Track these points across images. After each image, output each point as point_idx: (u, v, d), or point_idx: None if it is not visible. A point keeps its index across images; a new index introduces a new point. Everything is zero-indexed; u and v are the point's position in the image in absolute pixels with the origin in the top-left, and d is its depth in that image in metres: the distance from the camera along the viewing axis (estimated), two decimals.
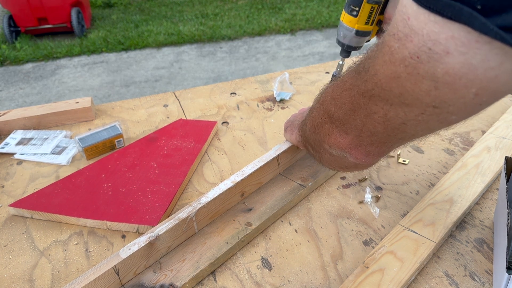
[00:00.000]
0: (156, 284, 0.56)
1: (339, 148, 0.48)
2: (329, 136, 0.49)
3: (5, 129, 0.94)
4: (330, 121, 0.47)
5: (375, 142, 0.43)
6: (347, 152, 0.47)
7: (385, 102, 0.37)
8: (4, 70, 3.77)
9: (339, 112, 0.45)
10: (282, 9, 5.03)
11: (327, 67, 1.22)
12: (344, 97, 0.43)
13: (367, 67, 0.38)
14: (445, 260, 0.59)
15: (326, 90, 0.49)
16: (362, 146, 0.45)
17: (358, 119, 0.42)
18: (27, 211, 0.70)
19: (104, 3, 5.49)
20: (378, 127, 0.40)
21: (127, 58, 3.94)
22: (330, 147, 0.49)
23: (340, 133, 0.46)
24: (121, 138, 0.88)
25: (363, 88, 0.39)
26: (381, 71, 0.35)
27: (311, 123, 0.55)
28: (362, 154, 0.46)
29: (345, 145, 0.46)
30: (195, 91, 1.11)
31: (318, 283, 0.57)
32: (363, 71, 0.39)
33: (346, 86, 0.43)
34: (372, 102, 0.38)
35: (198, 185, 0.77)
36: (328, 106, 0.47)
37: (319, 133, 0.51)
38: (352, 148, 0.46)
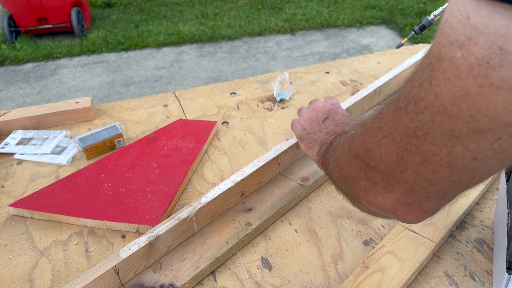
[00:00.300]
0: (156, 284, 0.56)
1: (380, 208, 0.39)
2: (366, 193, 0.40)
3: (5, 129, 0.94)
4: (367, 177, 0.39)
5: (432, 195, 0.34)
6: (390, 213, 0.38)
7: (450, 135, 0.29)
8: (4, 70, 3.77)
9: (380, 165, 0.36)
10: (282, 9, 5.03)
11: (327, 67, 1.23)
12: (384, 146, 0.35)
13: (417, 96, 0.31)
14: (445, 260, 0.59)
15: (355, 140, 0.41)
16: (413, 204, 0.36)
17: (408, 169, 0.33)
18: (27, 211, 0.70)
19: (104, 3, 5.49)
20: (439, 173, 0.32)
21: (127, 58, 3.94)
22: (368, 204, 0.41)
23: (382, 191, 0.37)
24: (121, 138, 0.88)
25: (413, 126, 0.31)
26: (443, 92, 0.28)
27: (339, 173, 0.46)
28: (413, 214, 0.37)
29: (389, 205, 0.38)
30: (195, 91, 1.11)
31: (318, 283, 0.57)
32: (411, 105, 0.31)
33: (383, 133, 0.35)
34: (429, 141, 0.31)
35: (198, 185, 0.77)
36: (363, 159, 0.39)
37: (352, 187, 0.42)
38: (399, 208, 0.37)
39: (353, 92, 1.07)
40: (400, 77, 1.02)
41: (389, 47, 3.87)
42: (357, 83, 1.12)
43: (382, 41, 4.04)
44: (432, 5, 4.74)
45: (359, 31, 4.33)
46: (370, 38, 4.13)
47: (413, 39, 3.91)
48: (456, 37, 0.27)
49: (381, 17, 4.57)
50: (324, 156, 0.58)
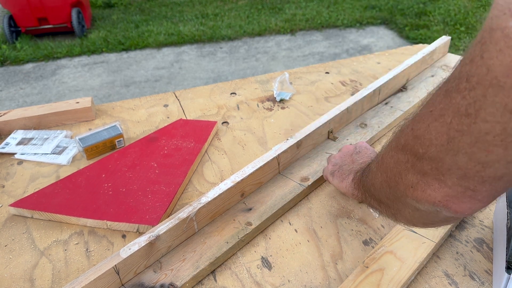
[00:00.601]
0: (156, 284, 0.56)
1: (429, 202, 0.37)
2: (414, 188, 0.38)
3: (5, 129, 0.94)
4: (415, 169, 0.37)
5: (487, 179, 0.32)
6: (442, 206, 0.37)
7: (503, 109, 0.28)
8: (4, 70, 3.78)
9: (430, 151, 0.35)
10: (282, 9, 5.03)
11: (327, 67, 1.23)
12: (434, 129, 0.34)
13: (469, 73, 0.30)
14: (445, 260, 0.60)
15: (403, 131, 0.40)
16: (467, 192, 0.34)
17: (460, 152, 0.32)
18: (28, 211, 0.70)
19: (104, 3, 5.50)
20: (493, 153, 0.30)
21: (127, 58, 3.94)
22: (416, 201, 0.39)
23: (432, 182, 0.36)
24: (121, 138, 0.88)
25: (465, 103, 0.30)
26: (496, 64, 0.28)
27: (383, 175, 0.44)
28: (467, 204, 0.35)
29: (439, 196, 0.36)
30: (195, 91, 1.12)
31: (318, 282, 0.57)
32: (463, 82, 0.31)
33: (434, 116, 0.34)
34: (482, 118, 0.30)
35: (198, 185, 0.78)
36: (412, 148, 0.37)
37: (397, 186, 0.41)
38: (452, 199, 0.35)
39: (352, 92, 1.07)
40: (400, 77, 1.03)
41: (389, 47, 3.88)
42: (357, 83, 1.12)
43: (381, 41, 4.04)
44: (432, 6, 4.74)
45: (359, 31, 4.34)
46: (370, 38, 4.13)
47: (413, 39, 3.91)
48: (509, 6, 0.27)
49: (380, 17, 4.57)
50: (361, 179, 0.56)
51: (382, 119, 0.92)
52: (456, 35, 3.91)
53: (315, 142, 0.82)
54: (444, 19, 4.33)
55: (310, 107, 1.01)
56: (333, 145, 0.83)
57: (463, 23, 4.15)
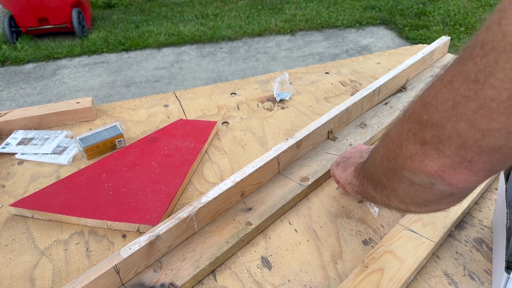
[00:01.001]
0: (157, 283, 0.56)
1: (426, 173, 0.37)
2: (411, 159, 0.38)
3: (6, 129, 0.95)
4: (416, 137, 0.37)
5: (485, 149, 0.32)
6: (437, 177, 0.37)
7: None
8: (5, 70, 3.78)
9: (434, 117, 0.35)
10: (282, 9, 5.03)
11: (327, 67, 1.23)
12: (441, 95, 0.34)
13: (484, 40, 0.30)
14: (445, 259, 0.60)
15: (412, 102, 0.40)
16: (463, 163, 0.34)
17: (462, 119, 0.32)
18: (28, 210, 0.70)
19: (104, 4, 5.50)
20: (495, 121, 0.30)
21: (127, 59, 3.95)
22: (412, 173, 0.39)
23: (431, 151, 0.36)
24: (121, 138, 0.88)
25: (475, 69, 0.30)
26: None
27: (385, 149, 0.45)
28: (462, 176, 0.35)
29: (436, 166, 0.36)
30: (195, 91, 1.12)
31: (317, 282, 0.57)
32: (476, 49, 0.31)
33: (443, 83, 0.34)
34: (489, 84, 0.30)
35: (198, 184, 0.78)
36: (417, 116, 0.37)
37: (396, 158, 0.41)
38: (448, 170, 0.35)
39: (352, 92, 1.07)
40: (400, 77, 1.03)
41: (389, 47, 3.88)
42: (357, 83, 1.13)
43: (381, 41, 4.04)
44: (432, 6, 4.74)
45: (358, 31, 4.34)
46: (370, 38, 4.14)
47: (413, 40, 3.91)
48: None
49: (380, 17, 4.57)
50: (362, 166, 0.57)
51: (382, 119, 0.92)
52: (455, 35, 3.91)
53: (315, 142, 0.82)
54: (443, 19, 4.33)
55: (310, 107, 1.01)
56: (333, 145, 0.83)
57: (462, 24, 4.15)
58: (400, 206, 0.47)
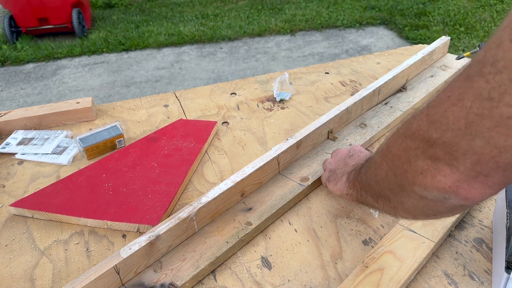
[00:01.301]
0: (157, 283, 0.56)
1: (439, 189, 0.37)
2: (423, 175, 0.37)
3: (6, 129, 0.95)
4: (426, 154, 0.37)
5: (502, 165, 0.32)
6: (451, 193, 0.36)
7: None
8: (5, 70, 3.78)
9: (445, 136, 0.34)
10: (282, 9, 5.03)
11: (327, 67, 1.23)
12: (451, 114, 0.33)
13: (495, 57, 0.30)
14: (444, 259, 0.60)
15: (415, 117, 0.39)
16: (479, 177, 0.34)
17: (477, 137, 0.32)
18: (28, 210, 0.70)
19: (104, 4, 5.50)
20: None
21: (127, 59, 3.95)
22: (424, 189, 0.38)
23: (444, 167, 0.35)
24: (121, 138, 0.88)
25: (488, 87, 0.30)
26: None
27: (389, 164, 0.44)
28: (477, 190, 0.35)
29: (450, 182, 0.35)
30: (195, 91, 1.12)
31: (317, 282, 0.57)
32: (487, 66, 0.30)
33: (452, 101, 0.33)
34: (505, 103, 0.29)
35: (198, 184, 0.78)
36: (424, 134, 0.36)
37: (405, 174, 0.40)
38: (462, 184, 0.35)
39: (352, 93, 1.07)
40: (400, 77, 1.03)
41: (389, 47, 3.88)
42: (357, 83, 1.13)
43: (381, 41, 4.04)
44: (431, 6, 4.74)
45: (358, 31, 4.34)
46: (370, 38, 4.14)
47: (413, 40, 3.91)
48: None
49: (380, 17, 4.57)
50: (356, 177, 0.57)
51: (382, 119, 0.92)
52: (455, 35, 3.91)
53: (315, 142, 0.82)
54: (443, 19, 4.33)
55: (310, 107, 1.02)
56: (333, 145, 0.83)
57: (462, 24, 4.15)
58: (407, 217, 0.46)
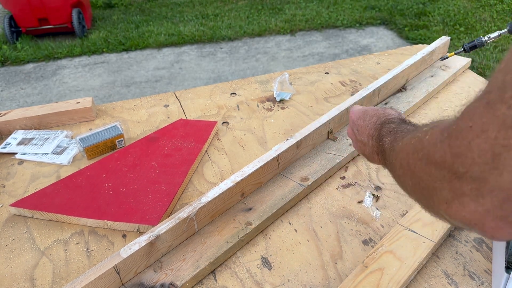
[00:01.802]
0: (157, 283, 0.56)
1: (463, 221, 0.35)
2: (448, 205, 0.35)
3: (6, 129, 0.95)
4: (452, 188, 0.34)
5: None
6: (477, 228, 0.34)
7: None
8: (5, 70, 3.78)
9: (472, 171, 0.32)
10: (282, 9, 5.03)
11: (327, 67, 1.23)
12: (476, 147, 0.31)
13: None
14: (444, 259, 0.60)
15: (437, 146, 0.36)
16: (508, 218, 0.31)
17: (505, 170, 0.29)
18: (28, 210, 0.70)
19: (104, 4, 5.50)
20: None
21: (127, 59, 3.95)
22: (449, 217, 0.36)
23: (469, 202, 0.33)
24: (121, 138, 0.88)
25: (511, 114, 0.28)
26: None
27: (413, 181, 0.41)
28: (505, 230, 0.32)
29: (476, 219, 0.33)
30: (196, 91, 1.12)
31: (317, 282, 0.57)
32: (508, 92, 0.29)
33: (475, 132, 0.31)
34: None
35: (198, 184, 0.78)
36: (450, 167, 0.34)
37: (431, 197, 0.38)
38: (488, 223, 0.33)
39: (352, 93, 1.07)
40: (400, 77, 1.03)
41: (388, 47, 3.88)
42: (357, 83, 1.13)
43: (381, 41, 4.04)
44: (431, 6, 4.74)
45: (358, 31, 4.34)
46: (370, 38, 4.14)
47: (413, 40, 3.91)
48: None
49: (380, 17, 4.57)
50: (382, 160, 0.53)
51: None
52: (455, 35, 3.91)
53: (315, 142, 0.82)
54: (443, 19, 4.33)
55: (310, 107, 1.02)
56: (333, 145, 0.83)
57: (462, 24, 4.15)
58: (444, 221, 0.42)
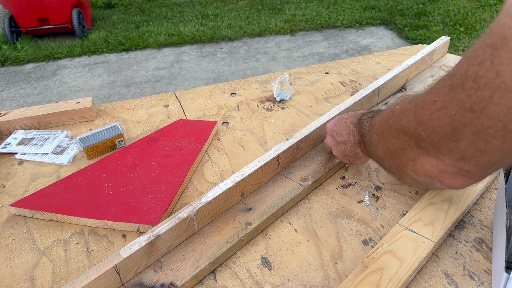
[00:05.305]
0: (157, 283, 0.56)
1: (426, 175, 0.41)
2: (413, 162, 0.42)
3: (6, 129, 0.95)
4: (418, 146, 0.41)
5: (482, 163, 0.36)
6: (437, 180, 0.41)
7: (507, 110, 0.31)
8: (5, 70, 3.78)
9: (433, 136, 0.38)
10: (282, 10, 5.03)
11: (327, 67, 1.23)
12: (437, 118, 0.37)
13: (477, 74, 0.33)
14: (444, 259, 0.60)
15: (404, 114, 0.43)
16: (461, 171, 0.38)
17: (462, 140, 0.36)
18: (28, 210, 0.70)
19: (104, 4, 5.51)
20: (492, 144, 0.34)
21: (127, 59, 3.95)
22: (415, 174, 0.43)
23: (431, 159, 0.40)
24: (121, 138, 0.88)
25: (470, 101, 0.33)
26: (506, 70, 0.30)
27: (385, 149, 0.49)
28: (460, 180, 0.39)
29: (436, 172, 0.40)
30: (196, 91, 1.12)
31: (317, 282, 0.57)
32: (469, 81, 0.33)
33: (437, 106, 0.37)
34: (485, 115, 0.33)
35: (198, 184, 0.78)
36: (414, 132, 0.40)
37: (399, 158, 0.45)
38: (447, 175, 0.39)
39: (352, 93, 1.07)
40: (399, 77, 1.03)
41: (388, 47, 3.88)
42: (357, 83, 1.13)
43: (381, 41, 4.05)
44: (431, 6, 4.74)
45: (358, 31, 4.34)
46: (370, 38, 4.14)
47: (413, 40, 3.91)
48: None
49: (380, 17, 4.57)
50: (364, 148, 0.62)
51: None
52: (455, 35, 3.91)
53: (315, 142, 0.83)
54: (443, 19, 4.33)
55: (309, 107, 1.02)
56: None
57: (462, 24, 4.15)
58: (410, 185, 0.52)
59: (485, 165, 0.37)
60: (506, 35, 0.30)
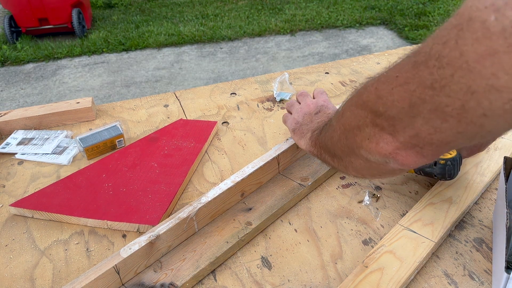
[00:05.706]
0: (157, 283, 0.56)
1: (381, 154, 0.42)
2: (369, 140, 0.43)
3: (6, 129, 0.95)
4: (374, 123, 0.42)
5: (436, 142, 0.37)
6: (391, 158, 0.41)
7: (466, 90, 0.31)
8: (5, 70, 3.78)
9: (390, 111, 0.39)
10: (282, 10, 5.03)
11: (327, 67, 1.23)
12: (397, 93, 0.38)
13: (440, 53, 0.33)
14: (444, 259, 0.60)
15: (366, 89, 0.43)
16: (415, 148, 0.39)
17: (418, 116, 0.36)
18: (28, 210, 0.70)
19: (104, 4, 5.51)
20: (447, 122, 0.34)
21: (127, 59, 3.95)
22: (368, 153, 0.44)
23: (387, 136, 0.40)
24: (121, 138, 0.88)
25: (431, 78, 0.33)
26: (470, 50, 0.30)
27: (341, 128, 0.49)
28: (413, 157, 0.40)
29: (390, 149, 0.41)
30: (196, 91, 1.12)
31: (317, 282, 0.57)
32: (432, 60, 0.33)
33: (399, 82, 0.37)
34: (445, 93, 0.33)
35: (198, 184, 0.78)
36: (373, 106, 0.41)
37: (354, 138, 0.46)
38: (401, 152, 0.40)
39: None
40: None
41: (388, 47, 3.88)
42: (357, 83, 1.13)
43: (381, 41, 4.05)
44: (431, 6, 4.74)
45: (358, 31, 4.34)
46: (370, 38, 4.14)
47: (413, 40, 3.91)
48: (492, 2, 0.29)
49: (380, 17, 4.57)
50: (317, 138, 0.62)
51: None
52: None
53: None
54: (443, 19, 4.33)
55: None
56: None
57: None
58: (357, 175, 0.52)
59: (439, 144, 0.37)
60: (472, 16, 0.30)
